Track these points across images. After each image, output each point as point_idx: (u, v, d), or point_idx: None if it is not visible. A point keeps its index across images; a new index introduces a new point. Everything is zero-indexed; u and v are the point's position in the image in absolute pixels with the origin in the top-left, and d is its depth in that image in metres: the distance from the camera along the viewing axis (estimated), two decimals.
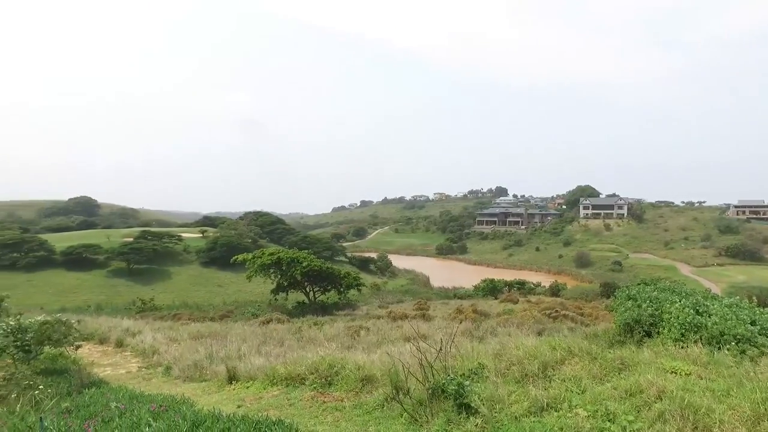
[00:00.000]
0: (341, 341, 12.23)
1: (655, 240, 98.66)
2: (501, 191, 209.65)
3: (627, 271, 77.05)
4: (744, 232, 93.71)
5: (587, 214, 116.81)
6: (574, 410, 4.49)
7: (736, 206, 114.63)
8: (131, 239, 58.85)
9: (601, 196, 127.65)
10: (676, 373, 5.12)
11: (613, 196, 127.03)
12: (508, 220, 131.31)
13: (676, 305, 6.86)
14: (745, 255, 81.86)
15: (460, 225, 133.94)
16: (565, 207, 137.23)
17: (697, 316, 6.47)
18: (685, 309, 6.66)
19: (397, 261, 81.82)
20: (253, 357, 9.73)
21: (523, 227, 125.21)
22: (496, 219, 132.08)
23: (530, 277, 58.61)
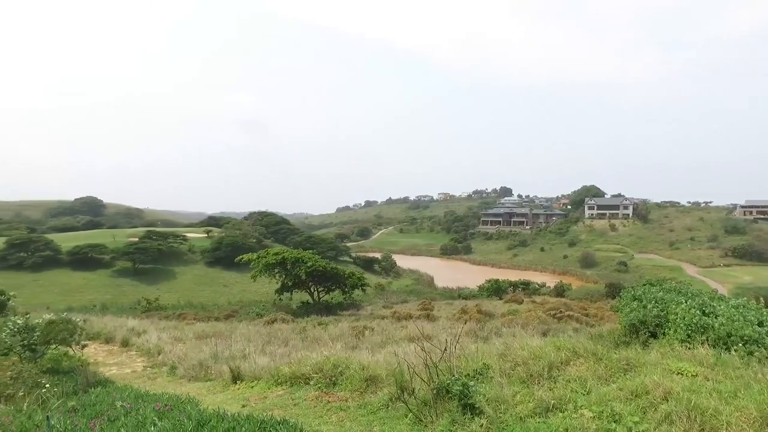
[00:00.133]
0: (346, 341, 12.19)
1: (660, 240, 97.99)
2: (505, 191, 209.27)
3: (632, 271, 76.62)
4: (751, 232, 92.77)
5: (592, 214, 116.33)
6: (580, 411, 4.47)
7: (743, 206, 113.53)
8: (136, 239, 59.21)
9: (606, 196, 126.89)
10: (682, 375, 5.08)
11: (619, 196, 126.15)
12: (512, 220, 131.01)
13: (683, 306, 6.82)
14: (753, 256, 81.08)
15: (465, 225, 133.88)
16: (570, 207, 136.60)
17: (704, 317, 6.43)
18: (692, 310, 6.62)
19: (402, 261, 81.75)
20: (258, 357, 9.72)
21: (527, 227, 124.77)
22: (500, 219, 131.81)
23: (535, 277, 58.36)
